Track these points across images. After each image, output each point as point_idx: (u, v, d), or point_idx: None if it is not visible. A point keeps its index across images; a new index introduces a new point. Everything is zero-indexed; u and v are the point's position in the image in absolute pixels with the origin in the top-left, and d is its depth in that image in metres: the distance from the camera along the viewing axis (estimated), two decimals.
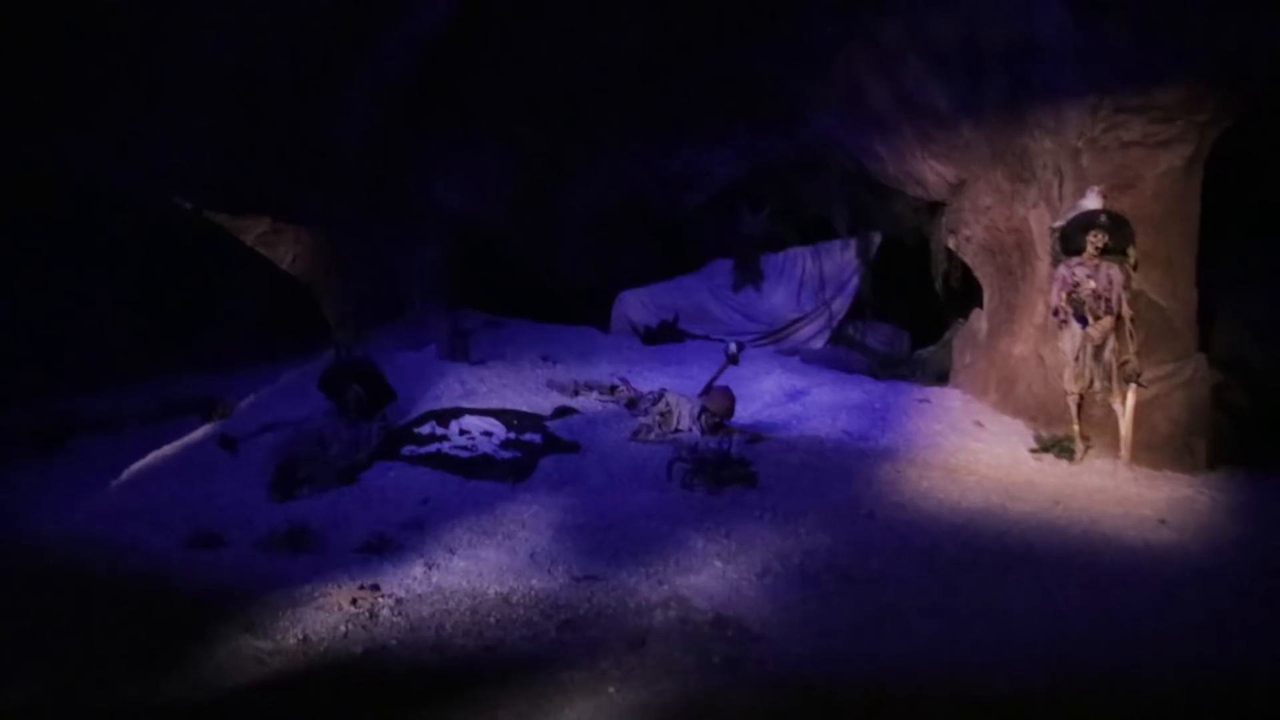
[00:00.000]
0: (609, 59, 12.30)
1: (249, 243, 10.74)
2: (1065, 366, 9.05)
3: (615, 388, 9.97)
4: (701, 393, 8.85)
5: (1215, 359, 9.27)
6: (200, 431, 8.75)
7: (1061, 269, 9.16)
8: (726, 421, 8.56)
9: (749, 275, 13.59)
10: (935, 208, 11.97)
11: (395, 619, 5.07)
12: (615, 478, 7.47)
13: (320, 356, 10.35)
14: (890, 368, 12.00)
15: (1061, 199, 9.59)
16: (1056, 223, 9.42)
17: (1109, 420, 8.92)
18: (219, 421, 9.00)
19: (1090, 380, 8.96)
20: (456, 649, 4.71)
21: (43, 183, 9.06)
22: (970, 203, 11.16)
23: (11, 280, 9.08)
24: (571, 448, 8.13)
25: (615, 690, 4.06)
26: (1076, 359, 9.01)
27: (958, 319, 12.05)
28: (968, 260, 11.51)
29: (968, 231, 11.30)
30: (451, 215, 13.07)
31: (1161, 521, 7.01)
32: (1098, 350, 8.95)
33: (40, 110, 8.63)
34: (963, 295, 11.94)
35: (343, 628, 4.92)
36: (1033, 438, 9.27)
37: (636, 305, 13.64)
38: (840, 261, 13.46)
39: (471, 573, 5.71)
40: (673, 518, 6.52)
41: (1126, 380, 8.79)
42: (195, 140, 9.95)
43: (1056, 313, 9.13)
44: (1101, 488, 7.99)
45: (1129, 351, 8.83)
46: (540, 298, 13.80)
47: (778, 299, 13.62)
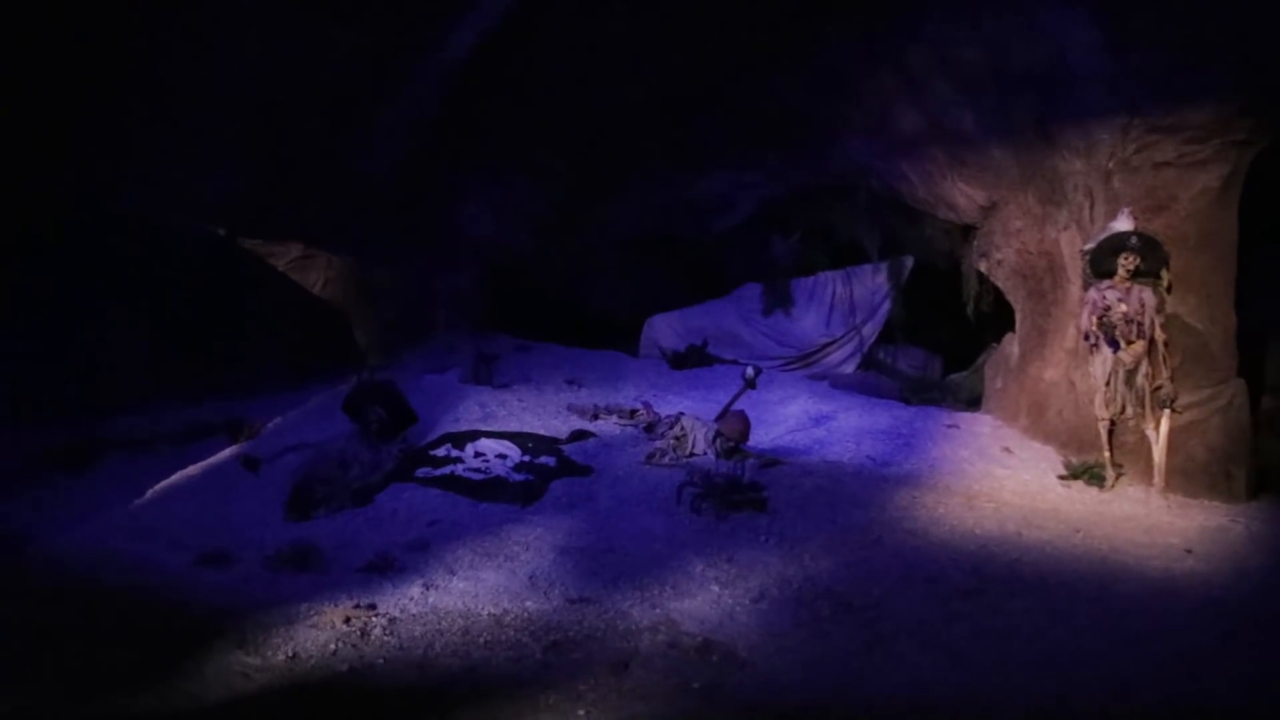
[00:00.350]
0: (635, 88, 12.36)
1: (281, 268, 10.97)
2: (1096, 392, 8.86)
3: (635, 411, 9.95)
4: (717, 417, 8.79)
5: (1271, 385, 9.00)
6: (225, 452, 8.90)
7: (1092, 292, 8.99)
8: (742, 445, 8.48)
9: (779, 299, 13.50)
10: (967, 231, 11.81)
11: (386, 638, 5.09)
12: (625, 501, 7.43)
13: (349, 380, 10.49)
14: (921, 393, 11.81)
15: (1093, 221, 9.43)
16: (1086, 245, 9.24)
17: (1142, 447, 8.69)
18: (244, 443, 9.16)
19: (1122, 406, 8.76)
20: (441, 668, 4.71)
21: (79, 215, 9.35)
22: (1001, 225, 11.00)
23: (49, 308, 9.36)
24: (584, 471, 8.12)
25: (585, 713, 4.02)
26: (1108, 384, 8.81)
27: (991, 343, 11.84)
28: (999, 283, 11.33)
29: (999, 255, 11.14)
30: (481, 242, 13.22)
31: (1188, 551, 6.79)
32: (1130, 375, 8.75)
33: (76, 146, 8.94)
34: (995, 319, 11.74)
35: (332, 646, 4.95)
36: (1062, 464, 9.06)
37: (665, 329, 13.63)
38: (871, 286, 13.32)
39: (469, 594, 5.72)
40: (676, 542, 6.47)
41: (1160, 405, 8.58)
42: (227, 171, 10.23)
43: (1087, 337, 8.94)
44: (1130, 516, 7.77)
45: (1162, 376, 8.62)
46: (571, 323, 13.85)
47: (808, 323, 13.50)
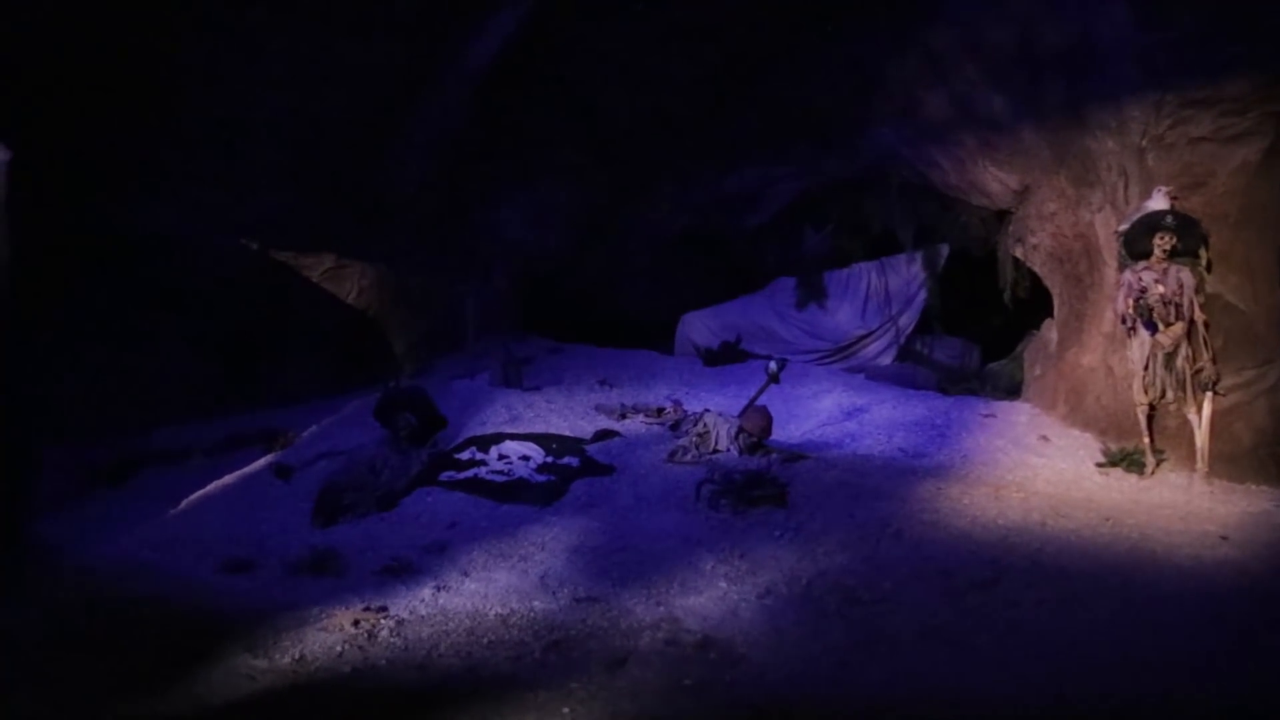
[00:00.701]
0: (662, 88, 12.39)
1: (315, 279, 11.16)
2: (1134, 376, 8.62)
3: (662, 410, 9.95)
4: (741, 413, 8.74)
5: None
6: (260, 462, 9.09)
7: (1127, 274, 8.75)
8: (765, 441, 8.42)
9: (812, 293, 13.38)
10: (1002, 216, 11.59)
11: (393, 640, 5.15)
12: (644, 500, 7.43)
13: (384, 387, 10.63)
14: (959, 383, 11.62)
15: (1127, 201, 9.20)
16: (1121, 226, 9.00)
17: (1184, 432, 8.44)
18: (279, 452, 9.34)
19: (1162, 390, 8.51)
20: (442, 668, 4.75)
21: (115, 234, 9.64)
22: (1035, 210, 10.78)
23: (95, 328, 9.65)
24: (606, 470, 8.13)
25: (570, 710, 4.03)
26: (1146, 368, 8.58)
27: (1031, 330, 11.58)
28: (1036, 269, 11.11)
29: (1034, 239, 10.91)
30: (515, 246, 13.33)
31: (1223, 538, 6.55)
32: (1169, 358, 8.49)
33: (118, 171, 9.22)
34: (1034, 306, 11.48)
35: (339, 648, 5.02)
36: (1100, 452, 8.83)
37: (699, 327, 13.59)
38: (906, 276, 13.13)
39: (479, 594, 5.76)
40: (690, 539, 6.45)
41: (1202, 388, 8.31)
42: (259, 186, 10.44)
43: (1124, 320, 8.70)
44: (1168, 503, 7.55)
45: (1203, 358, 8.36)
46: (606, 324, 13.88)
47: (843, 316, 13.36)
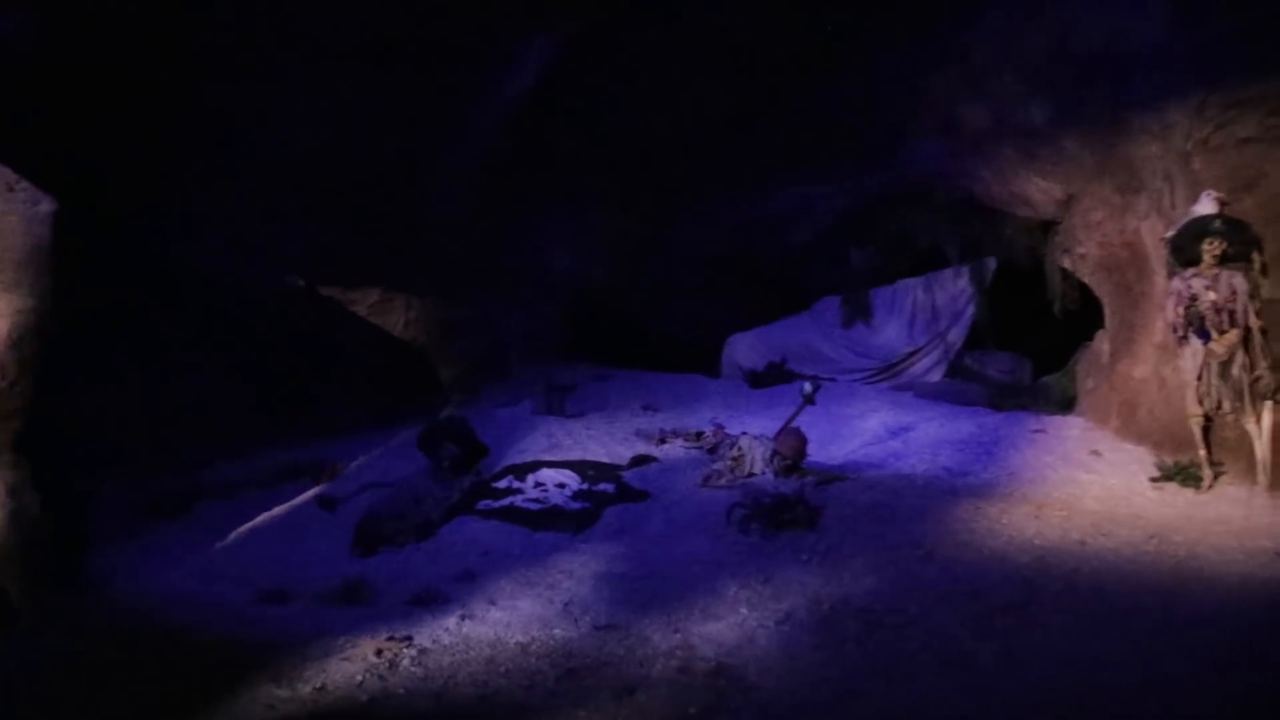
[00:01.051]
0: (701, 109, 12.41)
1: (362, 312, 11.43)
2: (1187, 387, 8.32)
3: (701, 434, 9.92)
4: (776, 435, 8.67)
5: None
6: (307, 494, 9.29)
7: (1176, 282, 8.49)
8: (801, 463, 8.33)
9: (858, 311, 13.23)
10: (1048, 227, 11.34)
11: (413, 669, 5.21)
12: (675, 525, 7.41)
13: (431, 418, 10.81)
14: (1011, 398, 11.34)
15: (1174, 207, 8.96)
16: (1167, 233, 8.75)
17: (1244, 443, 8.10)
18: (326, 483, 9.54)
19: (1218, 400, 8.19)
20: (457, 697, 4.79)
21: (167, 273, 10.01)
22: (1081, 219, 10.54)
23: (145, 365, 10.01)
24: (640, 496, 8.14)
25: None
26: (1199, 378, 8.27)
27: (1084, 343, 11.28)
28: (1085, 279, 10.85)
29: (1082, 249, 10.66)
30: (560, 273, 13.46)
31: (1278, 555, 6.27)
32: (1224, 367, 8.19)
33: (158, 210, 9.59)
34: (1088, 317, 11.18)
35: (360, 677, 5.10)
36: (1155, 466, 8.53)
37: (745, 348, 13.53)
38: (953, 291, 12.91)
39: (502, 623, 5.80)
40: (715, 564, 6.40)
41: (1260, 398, 7.99)
42: (305, 221, 10.76)
43: (1175, 329, 8.43)
44: (1224, 518, 7.26)
45: (1261, 366, 8.05)
46: (653, 348, 13.91)
47: (890, 333, 13.18)
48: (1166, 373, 8.91)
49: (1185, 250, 8.43)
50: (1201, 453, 8.15)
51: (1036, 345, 12.67)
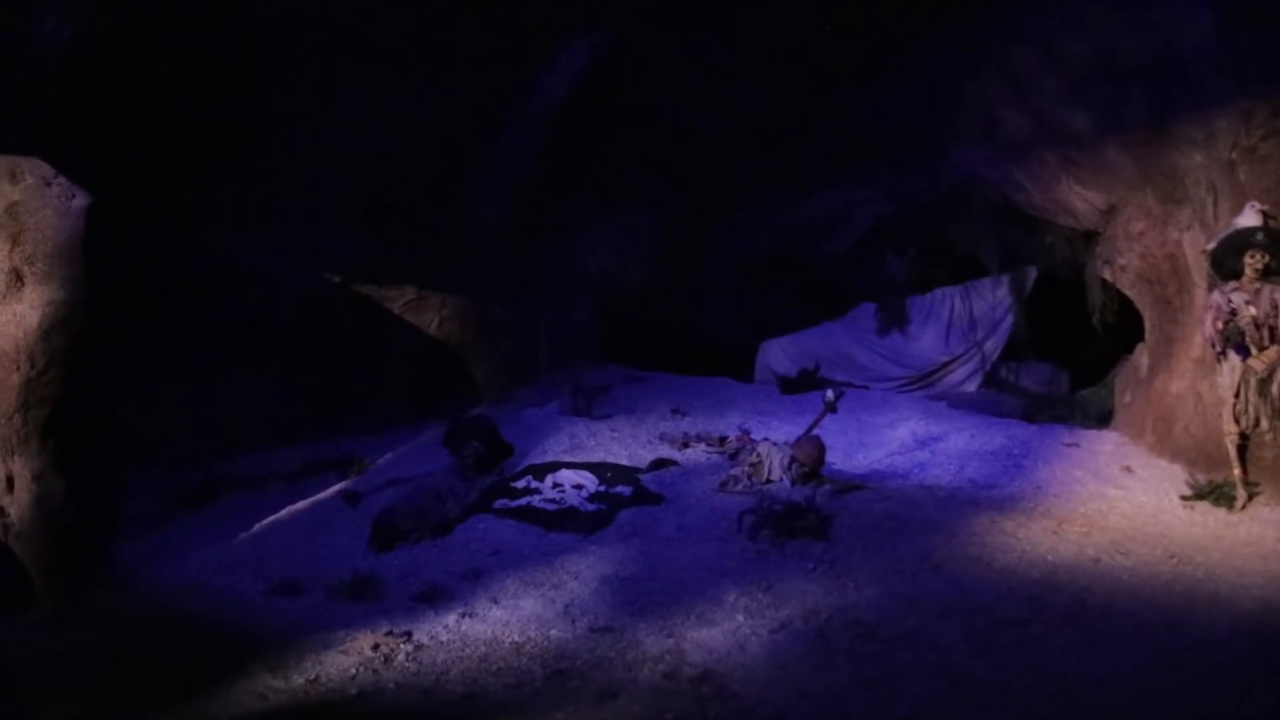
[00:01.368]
0: (740, 113, 12.36)
1: (396, 310, 11.58)
2: (1223, 403, 8.07)
3: (724, 439, 9.87)
4: (795, 442, 8.59)
5: None
6: (332, 489, 9.45)
7: (1215, 296, 8.24)
8: (821, 471, 8.25)
9: (894, 318, 13.06)
10: (1090, 237, 11.08)
11: (408, 664, 5.28)
12: (687, 530, 7.38)
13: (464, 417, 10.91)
14: (1047, 410, 11.10)
15: (1216, 218, 8.72)
16: (1208, 245, 8.50)
17: None
18: (352, 479, 9.69)
19: (1256, 418, 7.93)
20: (444, 694, 4.85)
21: (204, 270, 10.25)
22: (1122, 229, 10.28)
23: (182, 358, 10.26)
24: (656, 500, 8.12)
25: None
26: (1237, 395, 8.01)
27: (1125, 356, 11.00)
28: (1126, 291, 10.58)
29: (1122, 260, 10.40)
30: (596, 275, 13.49)
31: None
32: (1263, 384, 7.93)
33: (201, 206, 9.83)
34: (1128, 330, 10.90)
35: (354, 670, 5.18)
36: (1187, 484, 8.28)
37: (779, 354, 13.44)
38: (992, 300, 12.68)
39: (502, 622, 5.84)
40: (719, 570, 6.38)
41: None
42: (342, 221, 10.94)
43: (1213, 344, 8.19)
44: (1254, 539, 7.02)
45: None
46: (690, 351, 13.88)
47: (926, 342, 12.99)
48: (1204, 389, 8.65)
49: (1226, 263, 8.19)
50: (1236, 472, 7.89)
51: (1077, 357, 12.38)
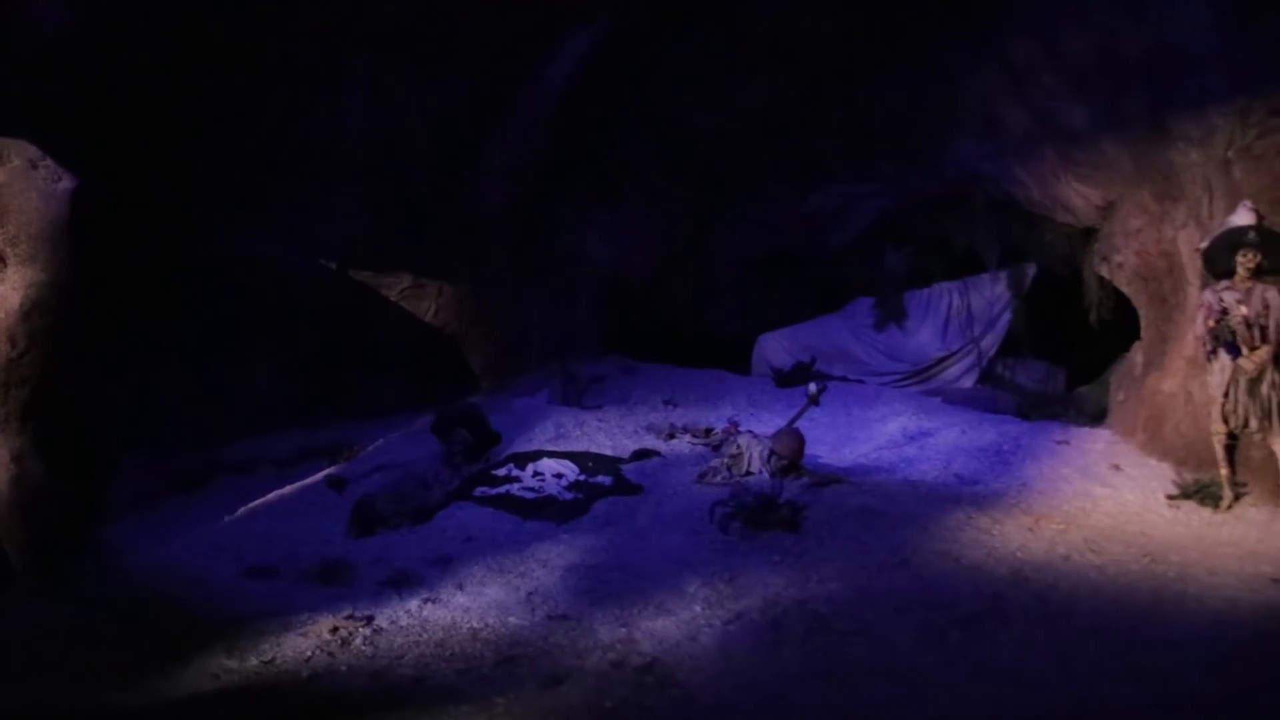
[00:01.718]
0: (742, 106, 12.34)
1: (393, 298, 11.64)
2: (1212, 403, 7.98)
3: (710, 430, 9.86)
4: (775, 435, 8.56)
5: None
6: (321, 474, 9.50)
7: (1207, 294, 8.16)
8: (800, 463, 8.22)
9: (891, 313, 12.98)
10: (1089, 234, 10.97)
11: (364, 648, 5.32)
12: (660, 520, 7.38)
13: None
14: (1042, 407, 11.01)
15: (1211, 216, 8.64)
16: (1201, 243, 8.41)
17: (1270, 464, 7.75)
18: (342, 464, 9.75)
19: (1245, 418, 7.84)
20: (392, 677, 4.88)
21: (205, 256, 10.34)
22: (1120, 226, 10.19)
23: (183, 343, 10.38)
24: (635, 490, 8.13)
25: None
26: (1226, 394, 7.92)
27: (1123, 354, 10.89)
28: (1123, 288, 10.49)
29: (1119, 258, 10.30)
30: (598, 267, 13.49)
31: (1276, 581, 5.98)
32: (1253, 384, 7.84)
33: (209, 197, 9.92)
34: (1127, 328, 10.78)
35: (310, 653, 5.22)
36: (1173, 483, 8.20)
37: (776, 347, 13.38)
38: (990, 296, 12.57)
39: (463, 608, 5.87)
40: (684, 561, 6.37)
41: None
42: (343, 209, 11.02)
43: (1204, 343, 8.10)
44: (1235, 540, 6.95)
45: None
46: (691, 344, 13.87)
47: (923, 337, 12.90)
48: (1194, 388, 8.57)
49: (1218, 262, 8.11)
50: (1224, 471, 7.82)
51: (1077, 355, 12.27)
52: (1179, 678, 4.57)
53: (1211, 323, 7.98)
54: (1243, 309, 7.89)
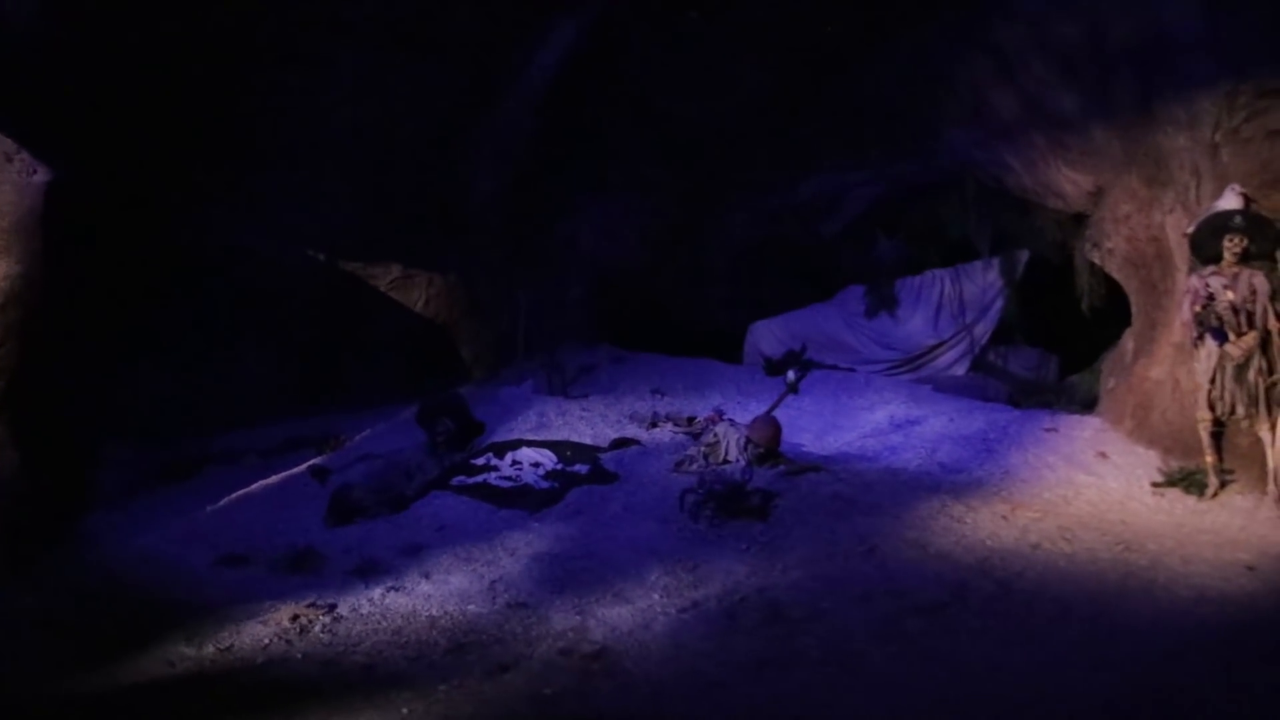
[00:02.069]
0: (733, 94, 12.27)
1: (382, 288, 11.64)
2: (1199, 390, 7.88)
3: (693, 419, 9.82)
4: (751, 423, 8.52)
5: None
6: (305, 464, 9.53)
7: (1193, 280, 8.07)
8: (779, 451, 8.17)
9: (883, 301, 12.88)
10: (1080, 220, 10.85)
11: (322, 636, 5.33)
12: (633, 509, 7.35)
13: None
14: (1034, 395, 10.91)
15: (1199, 201, 8.52)
16: (1187, 228, 8.30)
17: (1256, 451, 7.64)
18: (327, 455, 9.78)
19: (1232, 405, 7.74)
20: (345, 664, 4.89)
21: (195, 248, 10.38)
22: (1109, 212, 10.06)
23: (173, 335, 10.42)
24: (611, 478, 8.10)
25: (408, 711, 4.06)
26: (1213, 381, 7.82)
27: (1115, 341, 10.77)
28: (1113, 274, 10.37)
29: (1110, 244, 10.18)
30: (589, 256, 13.46)
31: (1250, 569, 5.89)
32: (1240, 370, 7.73)
33: (201, 189, 9.94)
34: (1117, 314, 10.67)
35: (267, 640, 5.24)
36: (1159, 471, 8.11)
37: (767, 335, 13.31)
38: (982, 283, 12.45)
39: (426, 596, 5.88)
40: (649, 549, 6.34)
41: (1276, 404, 7.52)
42: (332, 199, 11.00)
43: (1191, 329, 8.00)
44: (1216, 529, 6.87)
45: (1279, 371, 7.56)
46: (683, 333, 13.83)
47: (914, 325, 12.79)
48: (1182, 375, 8.46)
49: (1206, 246, 8.01)
50: (1209, 459, 7.72)
51: (1069, 342, 12.15)
52: (1136, 665, 4.51)
53: (1198, 308, 7.88)
54: (1229, 294, 7.80)
